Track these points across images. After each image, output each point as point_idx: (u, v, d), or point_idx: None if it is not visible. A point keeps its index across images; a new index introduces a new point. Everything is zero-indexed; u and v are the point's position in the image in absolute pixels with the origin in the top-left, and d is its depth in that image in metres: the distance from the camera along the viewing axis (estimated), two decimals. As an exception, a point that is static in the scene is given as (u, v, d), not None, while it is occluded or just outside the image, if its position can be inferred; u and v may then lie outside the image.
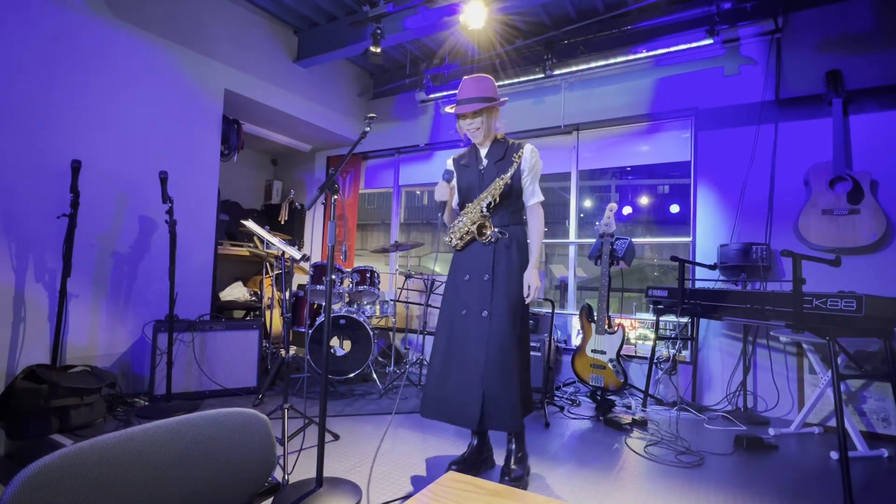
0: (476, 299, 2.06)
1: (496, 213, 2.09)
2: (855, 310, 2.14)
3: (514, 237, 2.09)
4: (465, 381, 1.99)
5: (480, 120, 2.08)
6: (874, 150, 3.15)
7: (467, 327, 2.05)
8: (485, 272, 2.06)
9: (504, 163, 2.09)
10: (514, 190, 2.08)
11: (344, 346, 3.67)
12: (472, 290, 2.08)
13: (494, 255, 2.07)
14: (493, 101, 2.08)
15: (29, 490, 0.53)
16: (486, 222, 2.08)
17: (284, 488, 1.88)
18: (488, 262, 2.07)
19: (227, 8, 3.93)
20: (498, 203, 2.07)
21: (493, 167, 2.10)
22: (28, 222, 2.78)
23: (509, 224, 2.10)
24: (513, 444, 2.08)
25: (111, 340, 3.17)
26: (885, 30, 3.17)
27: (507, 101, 2.15)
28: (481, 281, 2.06)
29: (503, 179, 2.04)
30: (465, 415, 1.98)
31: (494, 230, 2.07)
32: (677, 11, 3.74)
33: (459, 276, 2.13)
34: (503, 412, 1.94)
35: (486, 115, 2.09)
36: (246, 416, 0.79)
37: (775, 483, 2.17)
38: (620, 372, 3.06)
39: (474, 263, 2.10)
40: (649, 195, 6.52)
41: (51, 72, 2.89)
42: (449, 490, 0.78)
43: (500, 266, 2.06)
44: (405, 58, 4.95)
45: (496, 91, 2.12)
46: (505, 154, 2.10)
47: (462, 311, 2.08)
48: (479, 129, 2.09)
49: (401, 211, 5.48)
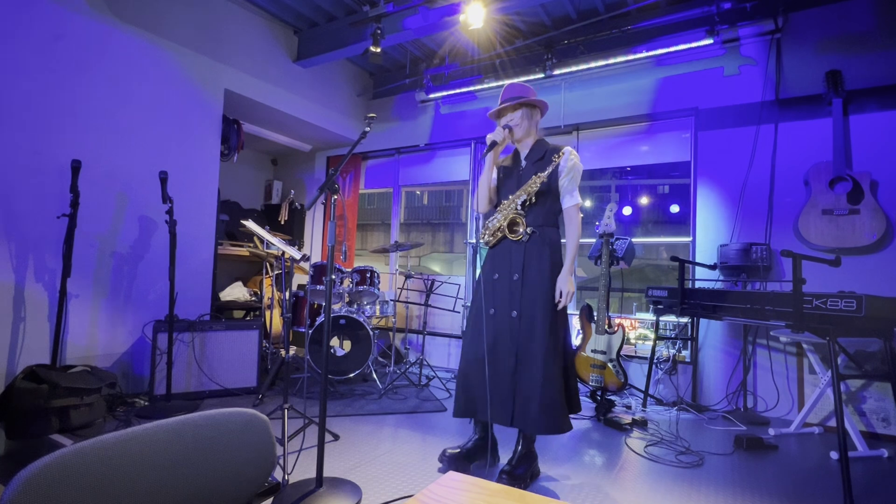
0: (505, 299, 2.05)
1: (531, 212, 2.08)
2: (855, 310, 2.14)
3: (547, 238, 2.06)
4: (495, 379, 2.00)
5: (520, 114, 2.11)
6: (874, 150, 3.15)
7: (496, 327, 2.05)
8: (515, 272, 2.05)
9: (543, 162, 2.09)
10: (552, 190, 2.07)
11: (344, 346, 3.67)
12: (501, 289, 2.07)
13: (525, 254, 2.05)
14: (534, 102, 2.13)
15: (29, 490, 0.53)
16: (518, 219, 2.07)
17: (284, 488, 1.88)
18: (519, 261, 2.05)
19: (227, 8, 3.93)
20: (534, 202, 2.07)
21: (531, 167, 2.11)
22: (28, 222, 2.78)
23: (543, 224, 2.07)
24: (521, 444, 2.08)
25: (111, 340, 3.17)
26: (885, 30, 3.17)
27: (546, 105, 2.19)
28: (511, 280, 2.05)
29: (540, 177, 2.04)
30: (497, 412, 2.00)
31: (527, 228, 2.05)
32: (677, 11, 3.74)
33: (489, 275, 2.13)
34: (532, 415, 1.94)
35: (527, 109, 2.12)
36: (246, 416, 0.79)
37: (775, 483, 2.17)
38: (620, 372, 3.06)
39: (505, 262, 2.09)
40: (649, 195, 6.52)
41: (51, 72, 2.89)
42: (449, 490, 0.78)
43: (531, 266, 2.04)
44: (405, 58, 4.95)
45: (536, 96, 2.16)
46: (544, 155, 2.11)
47: (490, 311, 2.07)
48: (518, 124, 2.11)
49: (401, 211, 5.48)
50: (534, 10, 3.97)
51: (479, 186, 2.18)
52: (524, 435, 2.07)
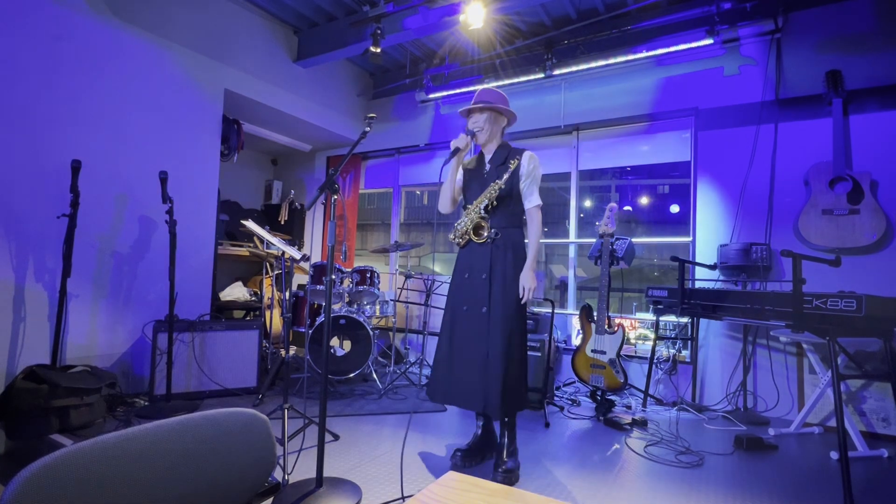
0: (476, 296, 2.18)
1: (494, 215, 2.21)
2: (855, 310, 2.14)
3: (510, 239, 2.19)
4: (468, 371, 2.13)
5: (485, 118, 2.23)
6: (874, 150, 3.15)
7: (469, 323, 2.18)
8: (483, 271, 2.18)
9: (503, 167, 2.20)
10: (513, 193, 2.21)
11: (344, 346, 3.67)
12: (472, 287, 2.20)
13: (492, 255, 2.18)
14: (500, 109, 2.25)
15: (29, 490, 0.53)
16: (482, 223, 2.19)
17: (284, 488, 1.88)
18: (486, 261, 2.18)
19: (227, 8, 3.93)
20: (496, 206, 2.19)
21: (494, 171, 2.23)
22: (28, 222, 2.78)
23: (506, 226, 2.21)
24: (505, 437, 2.18)
25: (111, 340, 3.17)
26: (885, 30, 3.17)
27: (514, 116, 2.30)
28: (480, 279, 2.18)
29: (497, 184, 2.16)
30: (469, 399, 2.12)
31: (491, 231, 2.18)
32: (677, 11, 3.74)
33: (461, 274, 2.26)
34: (495, 401, 2.06)
35: (492, 115, 2.24)
36: (246, 416, 0.79)
37: (775, 483, 2.17)
38: (620, 372, 3.06)
39: (474, 262, 2.22)
40: (649, 195, 6.51)
41: (51, 72, 2.89)
42: (449, 490, 0.78)
43: (497, 266, 2.17)
44: (405, 58, 4.95)
45: (508, 105, 2.28)
46: (505, 159, 2.22)
47: (463, 308, 2.21)
48: (482, 128, 2.23)
49: (401, 211, 5.48)
50: (534, 10, 3.97)
51: (442, 191, 2.29)
52: (507, 429, 2.19)
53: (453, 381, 2.16)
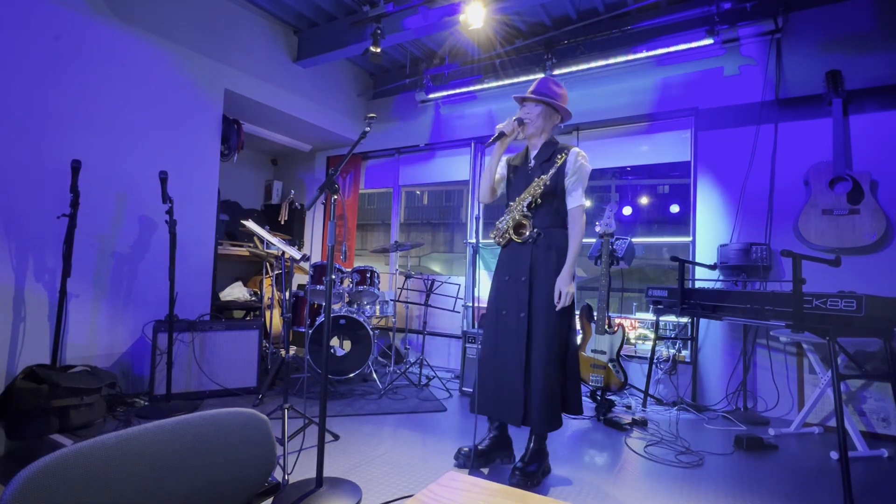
0: (514, 300, 2.08)
1: (537, 214, 2.09)
2: (855, 310, 2.14)
3: (553, 239, 2.08)
4: (508, 380, 2.04)
5: (539, 111, 2.11)
6: (874, 150, 3.15)
7: (507, 328, 2.08)
8: (522, 274, 2.08)
9: (548, 164, 2.10)
10: (557, 191, 2.07)
11: (344, 346, 3.67)
12: (510, 291, 2.10)
13: (532, 256, 2.07)
14: (557, 106, 2.13)
15: (29, 490, 0.53)
16: (524, 221, 2.08)
17: (284, 488, 1.88)
18: (526, 263, 2.08)
19: (227, 8, 3.93)
20: (539, 204, 2.08)
21: (538, 168, 2.12)
22: (28, 222, 2.78)
23: (550, 226, 2.08)
24: (533, 442, 2.10)
25: (111, 340, 3.17)
26: (885, 30, 3.17)
27: (570, 114, 2.21)
28: (519, 282, 2.08)
29: (542, 179, 2.05)
30: (511, 412, 2.03)
31: (533, 230, 2.06)
32: (677, 11, 3.74)
33: (501, 277, 2.16)
34: (536, 414, 1.98)
35: (547, 109, 2.12)
36: (246, 416, 0.79)
37: (775, 483, 2.17)
38: (620, 372, 3.06)
39: (514, 264, 2.12)
40: (649, 195, 6.52)
41: (51, 72, 2.89)
42: (449, 490, 0.78)
43: (539, 268, 2.06)
44: (405, 58, 4.95)
45: (566, 102, 2.17)
46: (551, 156, 2.11)
47: (503, 312, 2.11)
48: (532, 121, 2.11)
49: (401, 211, 5.48)
50: (534, 10, 3.97)
51: (483, 175, 2.16)
52: (537, 434, 2.11)
53: (497, 393, 2.06)
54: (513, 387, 2.02)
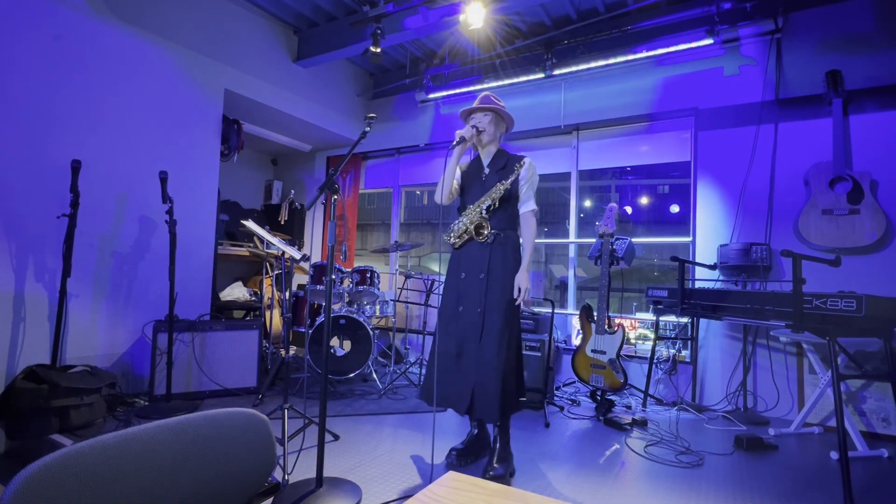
0: (472, 297, 2.19)
1: (494, 217, 2.24)
2: (855, 310, 2.14)
3: (509, 239, 2.23)
4: (461, 372, 2.14)
5: (489, 119, 2.28)
6: (874, 150, 3.15)
7: (464, 323, 2.19)
8: (480, 271, 2.20)
9: (505, 171, 2.25)
10: (512, 196, 2.24)
11: (344, 346, 3.67)
12: (468, 288, 2.21)
13: (490, 255, 2.20)
14: (502, 113, 2.32)
15: (29, 490, 0.53)
16: (484, 223, 2.21)
17: (284, 488, 1.88)
18: (484, 261, 2.20)
19: (227, 8, 3.93)
20: (497, 207, 2.22)
21: (494, 175, 2.27)
22: (28, 222, 2.78)
23: (506, 228, 2.24)
24: (497, 443, 2.16)
25: (111, 340, 3.17)
26: (885, 30, 3.17)
27: (513, 123, 2.39)
28: (477, 279, 2.20)
29: (503, 185, 2.20)
30: (459, 402, 2.12)
31: (492, 231, 2.20)
32: (677, 11, 3.74)
33: (456, 275, 2.28)
34: (487, 403, 2.06)
35: (495, 117, 2.30)
36: (246, 416, 0.79)
37: (775, 483, 2.17)
38: (620, 372, 3.06)
39: (471, 263, 2.24)
40: (649, 195, 6.52)
41: (51, 72, 2.89)
42: (449, 490, 0.78)
43: (496, 266, 2.19)
44: (405, 58, 4.95)
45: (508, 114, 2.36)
46: (506, 164, 2.28)
47: (459, 308, 2.21)
48: (485, 129, 2.27)
49: (401, 211, 5.48)
50: (534, 10, 3.97)
51: (445, 178, 2.27)
52: (500, 434, 2.17)
53: (447, 384, 2.16)
54: (465, 379, 2.12)
